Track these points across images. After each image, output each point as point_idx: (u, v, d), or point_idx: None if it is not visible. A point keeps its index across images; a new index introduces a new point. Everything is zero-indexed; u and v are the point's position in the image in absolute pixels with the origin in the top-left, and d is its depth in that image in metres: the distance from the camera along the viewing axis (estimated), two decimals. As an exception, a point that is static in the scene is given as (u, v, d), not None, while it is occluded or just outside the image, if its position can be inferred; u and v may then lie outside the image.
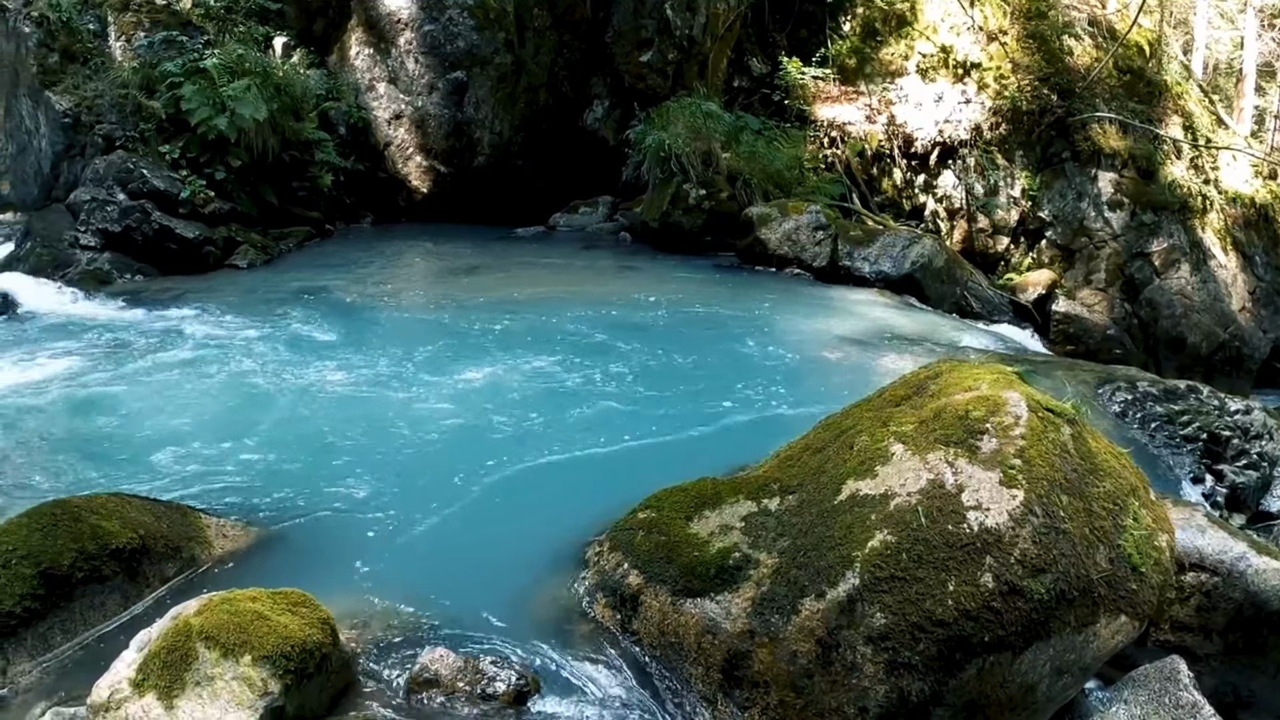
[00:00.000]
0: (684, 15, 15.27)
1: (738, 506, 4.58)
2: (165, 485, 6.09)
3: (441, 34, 14.67)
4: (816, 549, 4.13)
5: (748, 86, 16.98)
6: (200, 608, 4.02)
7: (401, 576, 5.10)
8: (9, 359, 9.20)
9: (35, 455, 6.88)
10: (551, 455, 6.55)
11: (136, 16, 14.48)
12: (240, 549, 5.39)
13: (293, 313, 10.21)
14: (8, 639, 4.38)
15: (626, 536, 4.75)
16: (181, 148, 13.12)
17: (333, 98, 15.05)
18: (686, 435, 6.81)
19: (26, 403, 8.01)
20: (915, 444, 4.30)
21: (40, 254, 12.38)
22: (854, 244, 12.17)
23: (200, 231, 12.66)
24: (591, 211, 15.11)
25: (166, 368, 8.67)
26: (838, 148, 16.05)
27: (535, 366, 8.21)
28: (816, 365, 8.38)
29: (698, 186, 13.42)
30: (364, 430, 7.06)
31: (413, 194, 15.25)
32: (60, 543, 4.67)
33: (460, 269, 12.27)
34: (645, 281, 11.31)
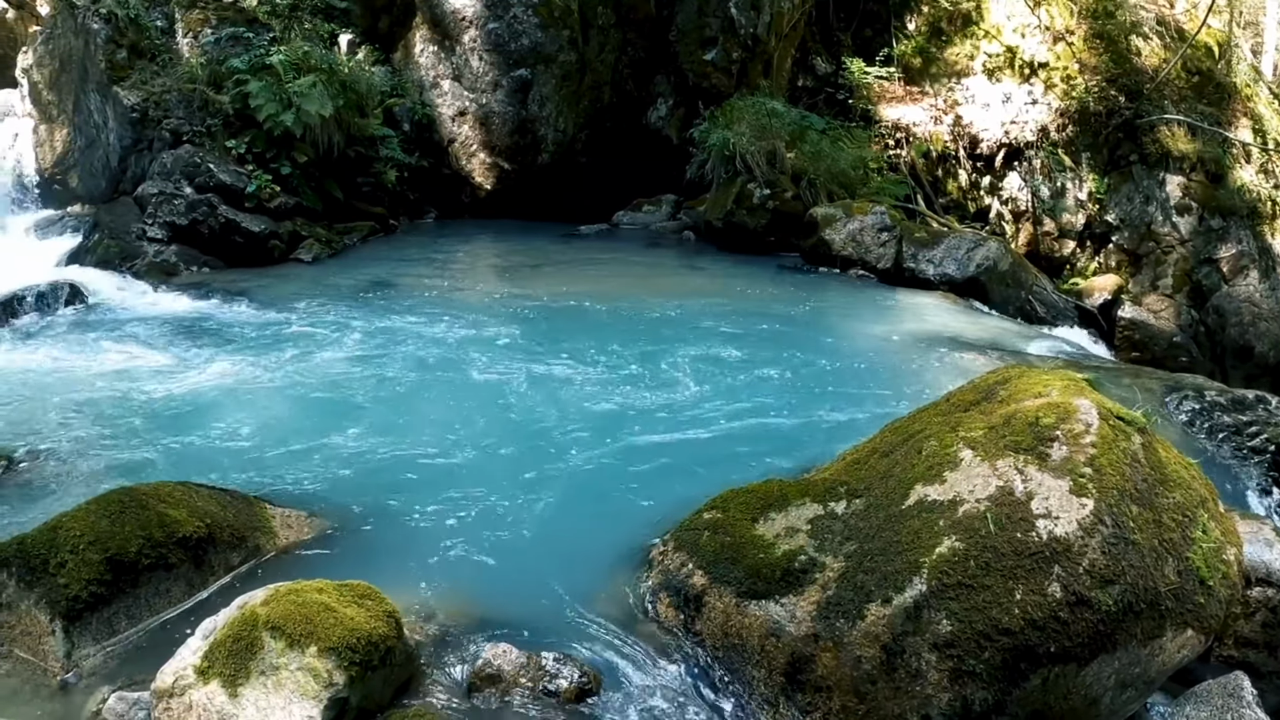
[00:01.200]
0: (748, 13, 15.23)
1: (804, 509, 4.56)
2: (230, 475, 6.14)
3: (506, 32, 14.71)
4: (883, 554, 4.11)
5: (812, 86, 16.93)
6: (267, 598, 4.06)
7: (465, 570, 5.12)
8: (78, 349, 9.35)
9: (103, 443, 6.97)
10: (614, 453, 6.56)
11: (203, 13, 14.63)
12: (304, 539, 5.44)
13: (357, 307, 10.29)
14: (73, 623, 4.44)
15: (691, 537, 4.74)
16: (248, 143, 13.26)
17: (397, 94, 15.14)
18: (750, 436, 6.79)
19: (94, 392, 8.13)
20: (984, 450, 4.26)
21: (108, 246, 12.55)
22: (918, 246, 12.07)
23: (266, 225, 12.79)
24: (655, 210, 15.11)
25: (231, 359, 8.76)
26: (902, 148, 15.97)
27: (598, 364, 8.22)
28: (881, 368, 8.33)
29: (762, 186, 13.37)
30: (428, 424, 7.11)
31: (476, 190, 15.31)
32: (128, 530, 4.73)
33: (523, 265, 12.32)
34: (709, 281, 11.30)
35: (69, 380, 8.51)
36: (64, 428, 7.30)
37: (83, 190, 14.39)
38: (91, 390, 8.17)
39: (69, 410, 7.73)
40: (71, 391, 8.17)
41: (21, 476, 6.44)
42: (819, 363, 8.38)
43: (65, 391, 8.20)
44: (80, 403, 7.87)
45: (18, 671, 4.39)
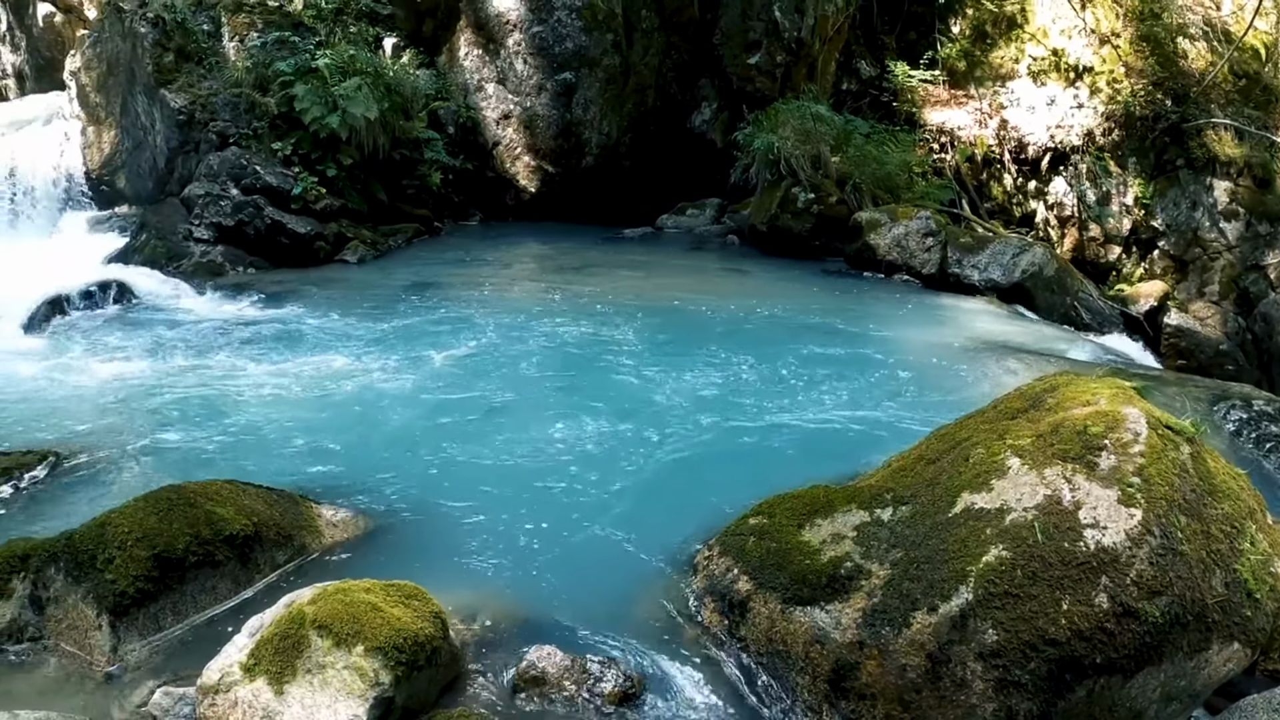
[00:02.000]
0: (792, 17, 15.21)
1: (850, 515, 4.55)
2: (276, 474, 6.19)
3: (550, 35, 14.75)
4: (930, 561, 4.10)
5: (856, 89, 16.89)
6: (314, 596, 4.11)
7: (510, 571, 5.16)
8: (126, 348, 9.47)
9: (148, 441, 7.05)
10: (658, 456, 6.58)
11: (249, 17, 14.78)
12: (350, 539, 5.50)
13: (402, 308, 10.36)
14: (120, 618, 4.51)
15: (737, 542, 4.74)
16: (294, 145, 13.38)
17: (442, 97, 15.21)
18: (795, 441, 6.79)
19: (139, 390, 8.23)
20: (1032, 458, 4.24)
21: (155, 246, 12.69)
22: (963, 251, 12.02)
23: (311, 227, 12.90)
24: (699, 213, 15.10)
25: (277, 358, 8.87)
26: (947, 152, 15.90)
27: (642, 368, 8.23)
28: (926, 374, 8.30)
29: (806, 190, 13.33)
30: (472, 425, 7.16)
31: (521, 193, 15.35)
32: (175, 527, 4.80)
33: (568, 268, 12.35)
34: (753, 285, 11.28)
35: (115, 378, 8.62)
36: (110, 425, 7.40)
37: (130, 191, 14.56)
38: (137, 388, 8.27)
39: (115, 407, 7.83)
40: (117, 389, 8.28)
41: (68, 473, 6.52)
42: (863, 368, 8.36)
43: (111, 389, 8.30)
44: (126, 400, 7.97)
45: (64, 664, 4.45)
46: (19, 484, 6.37)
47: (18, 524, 5.82)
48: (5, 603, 4.63)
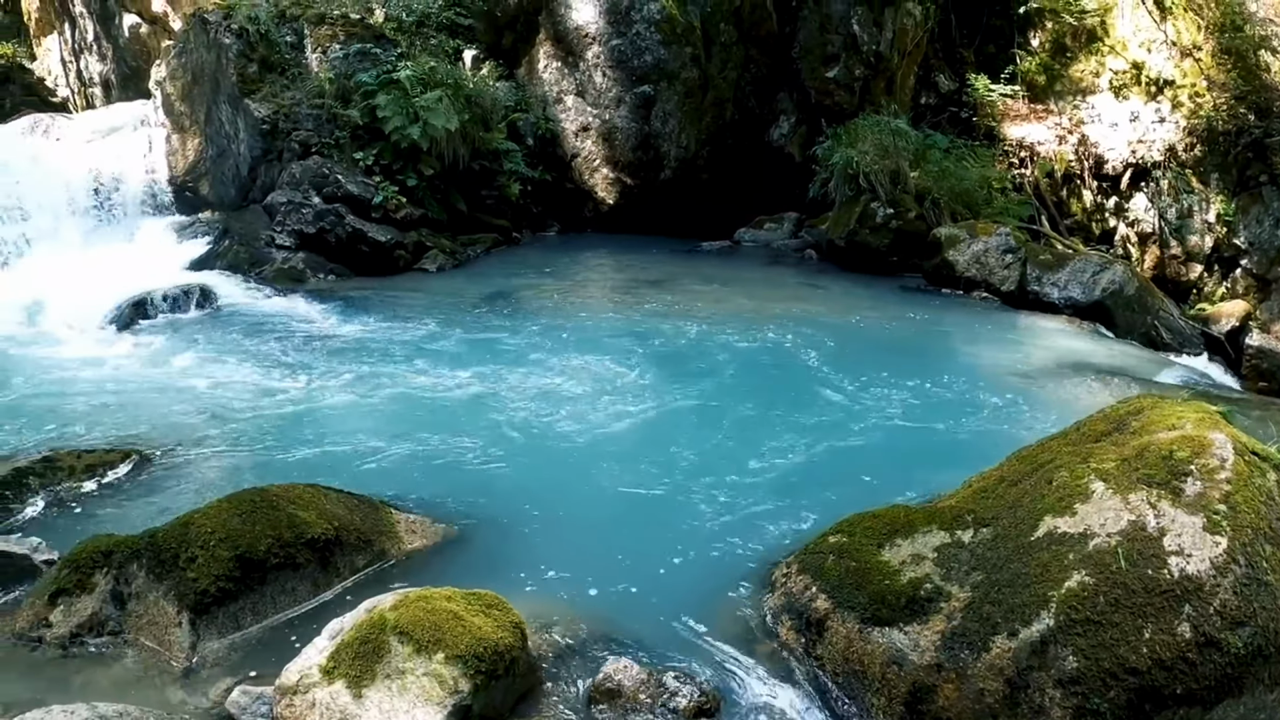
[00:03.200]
0: (871, 30, 15.15)
1: (930, 536, 4.53)
2: (355, 478, 6.28)
3: (629, 48, 14.80)
4: (1011, 585, 4.07)
5: (935, 103, 16.75)
6: (396, 603, 4.15)
7: (587, 582, 5.18)
8: (206, 350, 9.64)
9: (229, 443, 7.19)
10: (736, 470, 6.58)
11: (332, 30, 14.98)
12: (428, 545, 5.55)
13: (481, 317, 10.45)
14: (200, 616, 4.61)
15: (816, 560, 4.74)
16: (375, 155, 13.55)
17: (521, 109, 15.31)
18: (873, 458, 6.78)
19: (220, 392, 8.38)
20: (1116, 483, 4.21)
21: (238, 252, 12.88)
22: (1043, 268, 11.89)
23: (391, 235, 13.06)
24: (776, 227, 15.06)
25: (357, 365, 8.97)
26: (1026, 168, 15.73)
27: (718, 383, 8.25)
28: (1005, 394, 8.23)
29: (885, 205, 13.25)
30: (550, 436, 7.21)
31: (599, 205, 15.42)
32: (258, 529, 4.90)
33: (645, 281, 12.39)
34: (830, 301, 11.24)
35: (197, 380, 8.78)
36: (192, 426, 7.54)
37: (213, 197, 14.78)
38: (218, 390, 8.43)
39: (196, 409, 7.97)
40: (199, 391, 8.44)
41: (152, 472, 6.67)
42: (941, 387, 8.31)
43: (193, 391, 8.46)
44: (207, 402, 8.12)
45: (142, 659, 4.53)
46: (103, 480, 6.53)
47: (101, 520, 5.96)
48: (87, 597, 4.73)
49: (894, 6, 15.23)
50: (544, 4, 15.35)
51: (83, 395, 8.51)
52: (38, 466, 6.53)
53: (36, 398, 8.52)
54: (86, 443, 7.11)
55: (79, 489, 6.41)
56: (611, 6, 14.78)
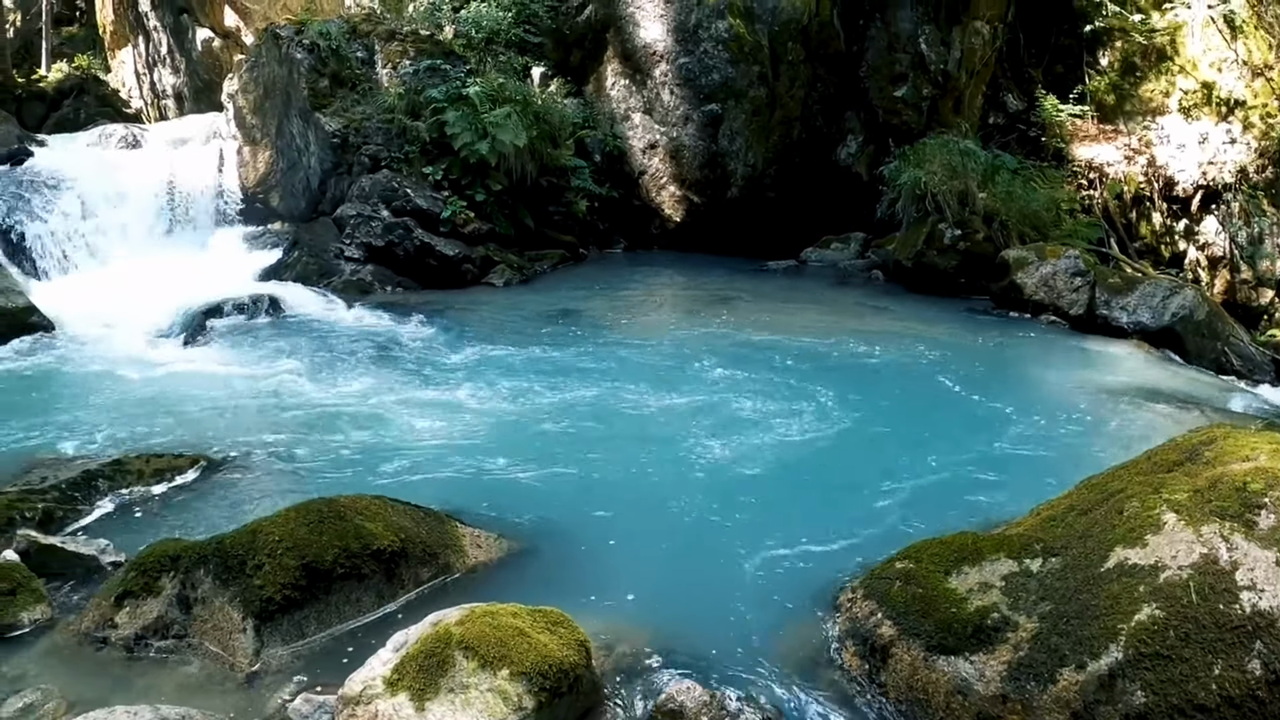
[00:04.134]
0: (939, 50, 15.09)
1: (998, 565, 4.49)
2: (419, 490, 6.32)
3: (697, 66, 14.83)
4: (1079, 617, 4.03)
5: (1003, 123, 16.65)
6: (462, 617, 4.15)
7: (649, 600, 5.18)
8: (275, 359, 9.79)
9: (295, 451, 7.28)
10: (800, 492, 6.58)
11: (402, 46, 15.16)
12: (492, 560, 5.58)
13: (546, 333, 10.50)
14: (264, 623, 4.65)
15: (882, 585, 4.70)
16: (444, 170, 13.70)
17: (589, 126, 15.40)
18: (939, 483, 6.72)
19: (288, 401, 8.51)
20: (1189, 514, 4.16)
21: (307, 263, 13.05)
22: (1112, 292, 11.75)
23: (459, 250, 13.18)
24: (843, 247, 15.00)
25: (423, 377, 9.08)
26: (1095, 189, 15.59)
27: (784, 404, 8.20)
28: (1073, 420, 8.15)
29: (953, 226, 13.16)
30: (614, 453, 7.22)
31: (665, 222, 15.46)
32: (325, 539, 4.94)
33: (710, 300, 12.38)
34: (897, 323, 11.17)
35: (265, 387, 8.92)
36: (258, 433, 7.65)
37: (283, 209, 14.97)
38: (286, 398, 8.55)
39: (263, 416, 8.11)
40: (267, 398, 8.57)
41: (218, 477, 6.78)
42: (1008, 412, 8.24)
43: (261, 398, 8.59)
44: (274, 409, 8.26)
45: (206, 663, 4.58)
46: (170, 485, 6.65)
47: (167, 524, 6.06)
48: (153, 600, 4.80)
49: (961, 25, 15.18)
50: (612, 22, 15.44)
51: (152, 400, 8.67)
52: (107, 469, 6.67)
53: (107, 401, 8.69)
54: (155, 447, 7.24)
55: (147, 493, 6.54)
56: (679, 25, 14.83)
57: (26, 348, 10.59)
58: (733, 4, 14.61)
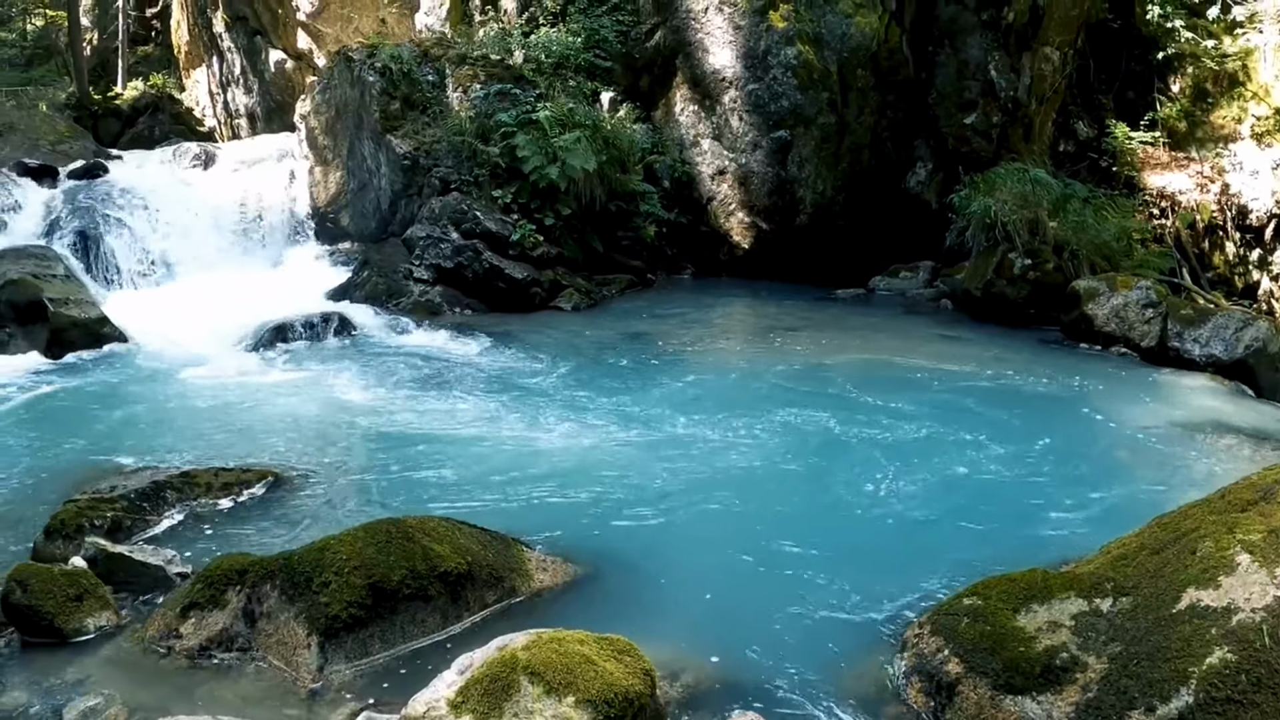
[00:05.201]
0: (1008, 76, 14.98)
1: (1068, 603, 4.45)
2: (484, 513, 6.37)
3: (765, 93, 14.81)
4: (1150, 659, 3.98)
5: (1073, 151, 16.50)
6: (529, 642, 4.16)
7: (714, 630, 5.17)
8: (343, 377, 9.93)
9: (361, 469, 7.40)
10: (866, 525, 6.54)
11: (472, 70, 15.32)
12: (557, 584, 5.60)
13: (615, 358, 10.55)
14: (329, 640, 4.70)
15: (949, 622, 4.67)
16: (513, 193, 13.80)
17: (657, 151, 15.44)
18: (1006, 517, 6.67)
19: (355, 419, 8.62)
20: (1263, 555, 4.10)
21: (376, 283, 13.19)
22: (1184, 324, 11.57)
23: (528, 273, 13.26)
24: (912, 276, 14.90)
25: (490, 399, 9.15)
26: (1167, 218, 15.40)
27: (853, 434, 8.17)
28: (1144, 455, 8.06)
29: (1023, 256, 13.02)
30: (679, 480, 7.20)
31: (734, 249, 15.45)
32: (392, 559, 4.99)
33: (778, 328, 12.36)
34: (966, 354, 11.07)
35: (332, 405, 9.05)
36: (325, 451, 7.77)
37: (353, 229, 15.15)
38: (353, 416, 8.66)
39: (330, 434, 8.22)
40: (334, 416, 8.69)
41: (285, 493, 6.88)
42: (1078, 446, 8.15)
43: (329, 415, 8.71)
44: (342, 427, 8.37)
45: (269, 677, 4.64)
46: (238, 499, 6.76)
47: (233, 538, 6.16)
48: (219, 612, 4.89)
49: (1031, 52, 15.06)
50: (681, 48, 15.47)
51: (222, 414, 8.83)
52: (176, 481, 6.78)
53: (176, 413, 8.87)
54: (223, 460, 7.35)
55: (214, 505, 6.65)
56: (748, 51, 14.83)
57: (99, 358, 10.86)
58: (802, 31, 14.57)
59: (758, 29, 14.77)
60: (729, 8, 14.97)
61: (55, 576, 5.13)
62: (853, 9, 14.54)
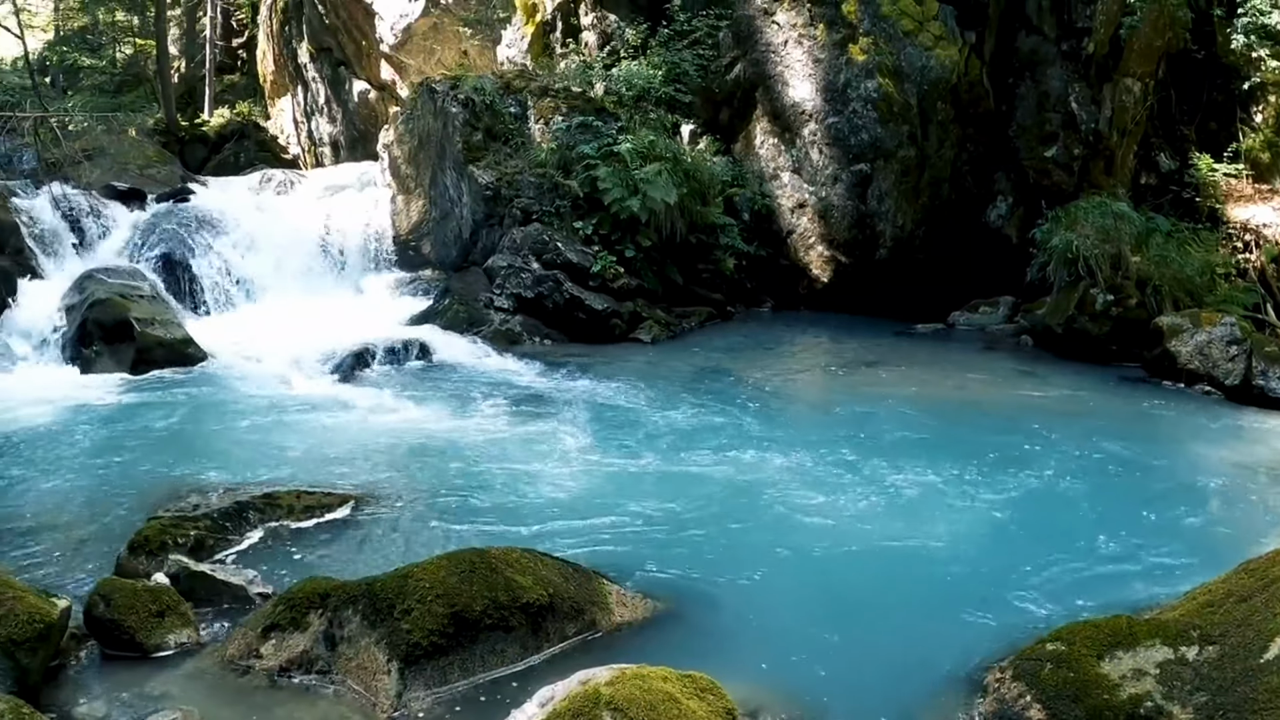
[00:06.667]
0: (1089, 108, 14.85)
1: (1153, 651, 4.40)
2: (563, 543, 6.41)
3: (846, 126, 14.79)
4: (1237, 710, 3.93)
5: (1155, 184, 16.26)
6: (612, 678, 4.15)
7: (792, 670, 5.14)
8: (425, 404, 10.03)
9: (440, 495, 7.43)
10: (945, 566, 6.46)
11: (554, 102, 15.45)
12: (637, 619, 5.59)
13: (694, 392, 10.57)
14: (409, 667, 4.74)
15: (1032, 667, 4.62)
16: (594, 225, 13.91)
17: (737, 184, 15.47)
18: (1087, 560, 6.57)
19: (435, 445, 8.69)
20: (1355, 606, 4.03)
21: (457, 311, 13.32)
22: (1269, 361, 11.35)
23: (608, 304, 13.34)
24: (992, 311, 14.78)
25: (570, 429, 9.18)
26: (1251, 252, 15.12)
27: (933, 472, 8.09)
28: (1228, 499, 7.93)
29: (1105, 291, 12.86)
30: (758, 517, 7.19)
31: (813, 282, 15.43)
32: (475, 589, 5.02)
33: (858, 363, 12.34)
34: (1047, 392, 10.98)
35: (412, 430, 9.12)
36: (406, 476, 7.83)
37: (434, 257, 15.30)
38: (432, 442, 8.72)
39: (411, 460, 8.29)
40: (414, 442, 8.75)
41: (366, 518, 6.94)
42: (1161, 488, 8.03)
43: (409, 441, 8.78)
44: (422, 454, 8.43)
45: (347, 701, 4.69)
46: (319, 522, 6.84)
47: (315, 561, 6.24)
48: (300, 634, 4.95)
49: (1112, 83, 14.93)
50: (761, 81, 15.51)
51: (303, 436, 8.93)
52: (258, 501, 6.87)
53: (259, 434, 8.99)
54: (304, 482, 7.43)
55: (296, 527, 6.73)
56: (828, 84, 14.84)
57: (182, 377, 11.03)
58: (882, 63, 14.56)
59: (837, 62, 14.78)
60: (809, 41, 15.00)
61: (138, 592, 5.23)
62: (933, 41, 14.53)
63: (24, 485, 7.62)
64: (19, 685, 4.50)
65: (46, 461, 8.12)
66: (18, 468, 7.98)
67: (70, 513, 7.08)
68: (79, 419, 9.42)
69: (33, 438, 8.78)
